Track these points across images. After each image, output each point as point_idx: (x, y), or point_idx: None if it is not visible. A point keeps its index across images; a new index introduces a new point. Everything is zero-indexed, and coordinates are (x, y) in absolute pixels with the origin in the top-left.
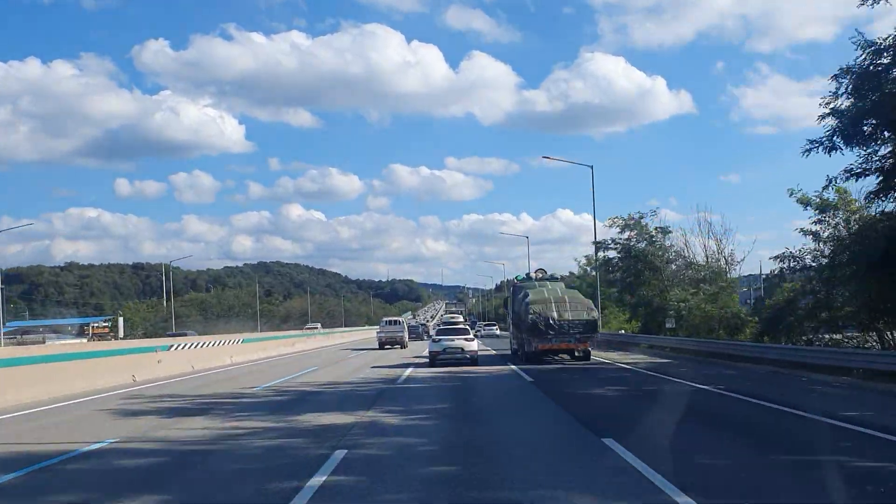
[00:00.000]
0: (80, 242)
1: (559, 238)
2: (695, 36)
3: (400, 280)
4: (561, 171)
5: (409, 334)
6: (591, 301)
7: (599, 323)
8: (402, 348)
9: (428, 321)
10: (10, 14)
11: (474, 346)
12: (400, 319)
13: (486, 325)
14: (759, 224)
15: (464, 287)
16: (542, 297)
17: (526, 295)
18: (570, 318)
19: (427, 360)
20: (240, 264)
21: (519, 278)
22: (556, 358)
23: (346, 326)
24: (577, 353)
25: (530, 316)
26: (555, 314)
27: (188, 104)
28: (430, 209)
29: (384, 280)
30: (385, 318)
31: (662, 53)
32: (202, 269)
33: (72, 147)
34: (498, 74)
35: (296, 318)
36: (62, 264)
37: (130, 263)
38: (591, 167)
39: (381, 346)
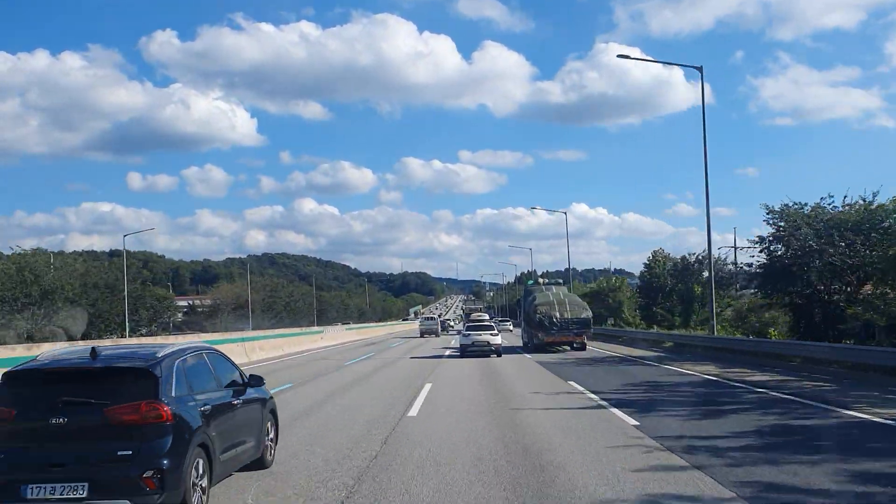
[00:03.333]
0: (94, 237)
1: (574, 232)
2: (714, 24)
3: (412, 273)
4: (575, 164)
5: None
6: (585, 303)
7: (591, 320)
8: (435, 337)
9: (443, 314)
10: (18, 4)
11: (498, 340)
12: (435, 317)
13: (500, 321)
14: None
15: (479, 281)
16: (546, 300)
17: (534, 298)
18: (570, 317)
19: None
20: (243, 256)
21: (529, 283)
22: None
23: (304, 326)
24: (574, 345)
25: (537, 315)
26: (557, 313)
27: (198, 97)
28: (443, 203)
29: (396, 273)
30: (424, 316)
31: (680, 42)
32: (198, 259)
33: (82, 140)
34: (511, 65)
35: (226, 314)
36: (29, 250)
37: (108, 250)
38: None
39: (422, 335)
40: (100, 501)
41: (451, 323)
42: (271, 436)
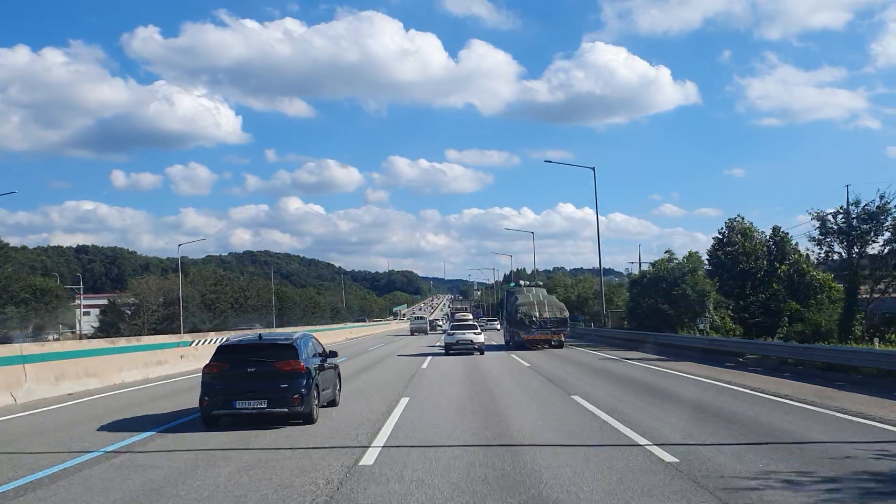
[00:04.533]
0: (78, 235)
1: (560, 232)
2: (702, 22)
3: (399, 272)
4: (562, 165)
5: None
6: (563, 304)
7: (569, 320)
8: (424, 335)
9: (431, 313)
10: None
11: (481, 338)
12: (424, 316)
13: (488, 321)
14: (764, 220)
15: (467, 280)
16: (527, 301)
17: (516, 299)
18: (549, 316)
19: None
20: (224, 254)
21: (511, 285)
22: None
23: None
24: (553, 343)
25: (518, 315)
26: (537, 313)
27: (182, 94)
28: (430, 202)
29: (382, 272)
30: (414, 315)
31: (668, 42)
32: (174, 256)
33: (64, 137)
34: (498, 63)
35: (151, 312)
36: None
37: (74, 246)
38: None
39: (412, 333)
40: (272, 409)
41: (440, 322)
42: (339, 388)
